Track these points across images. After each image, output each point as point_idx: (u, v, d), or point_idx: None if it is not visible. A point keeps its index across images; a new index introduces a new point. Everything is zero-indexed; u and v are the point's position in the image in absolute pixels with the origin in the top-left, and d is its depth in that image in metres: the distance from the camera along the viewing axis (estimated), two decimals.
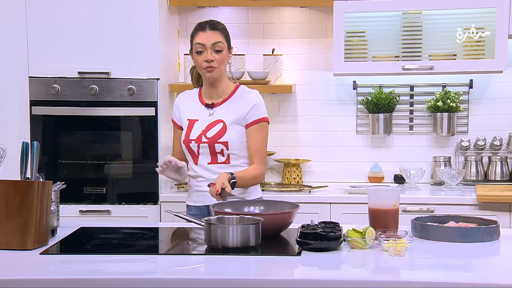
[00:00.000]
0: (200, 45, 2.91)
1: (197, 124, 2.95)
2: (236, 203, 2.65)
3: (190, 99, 3.04)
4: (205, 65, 2.91)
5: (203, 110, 2.98)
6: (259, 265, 2.16)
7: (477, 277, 2.07)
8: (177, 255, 2.35)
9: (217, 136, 2.91)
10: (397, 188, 2.56)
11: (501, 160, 4.03)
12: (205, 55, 2.90)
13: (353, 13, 3.97)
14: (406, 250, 2.21)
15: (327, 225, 2.37)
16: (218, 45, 2.91)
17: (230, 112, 2.95)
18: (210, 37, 2.90)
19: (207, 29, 2.93)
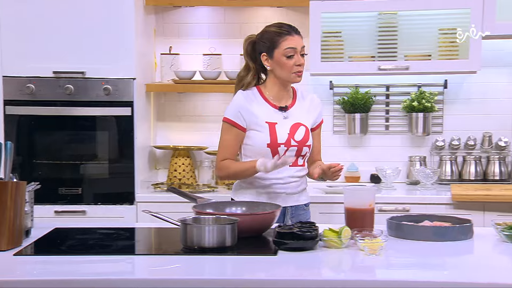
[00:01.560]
0: (291, 49, 2.91)
1: (278, 127, 2.92)
2: (217, 204, 2.66)
3: (256, 102, 2.96)
4: (296, 69, 2.92)
5: (276, 113, 2.95)
6: (235, 265, 2.16)
7: (452, 275, 2.09)
8: (153, 255, 2.34)
9: (304, 140, 2.94)
10: (373, 187, 2.58)
11: (475, 160, 4.08)
12: (296, 59, 2.91)
13: (329, 13, 3.99)
14: (381, 249, 2.23)
15: (303, 225, 2.38)
16: (304, 49, 2.96)
17: (305, 115, 2.99)
18: (299, 41, 2.93)
19: (294, 33, 2.94)
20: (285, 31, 2.93)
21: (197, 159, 4.30)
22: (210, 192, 3.89)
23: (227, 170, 2.96)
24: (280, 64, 2.92)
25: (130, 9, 3.77)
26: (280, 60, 2.91)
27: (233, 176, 2.99)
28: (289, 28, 2.95)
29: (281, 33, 2.93)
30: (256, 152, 2.92)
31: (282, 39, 2.91)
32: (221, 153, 2.98)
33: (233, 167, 2.94)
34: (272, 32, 2.95)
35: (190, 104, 4.35)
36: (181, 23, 4.30)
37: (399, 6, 3.91)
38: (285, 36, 2.91)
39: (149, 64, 4.19)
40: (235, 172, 2.94)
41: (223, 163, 2.96)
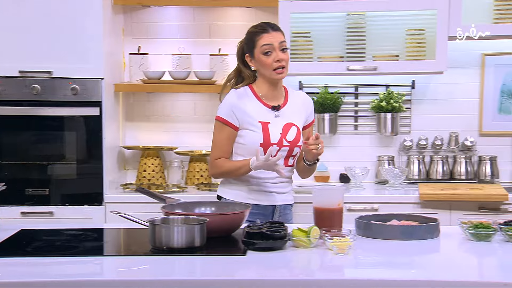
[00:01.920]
0: (268, 45, 2.91)
1: (271, 127, 2.93)
2: (186, 205, 2.66)
3: (249, 101, 2.97)
4: (276, 65, 2.91)
5: (269, 112, 2.96)
6: (204, 265, 2.16)
7: (419, 274, 2.11)
8: (122, 256, 2.32)
9: (296, 140, 2.95)
10: (341, 187, 2.60)
11: (442, 159, 4.13)
12: (274, 55, 2.91)
13: (298, 14, 4.00)
14: (350, 248, 2.24)
15: (272, 224, 2.39)
16: (284, 44, 2.94)
17: (297, 115, 3.00)
18: (276, 37, 2.93)
19: (270, 30, 2.94)
20: (260, 29, 2.95)
21: (166, 159, 4.29)
22: (179, 192, 3.88)
23: (220, 169, 2.96)
24: (260, 63, 2.93)
25: (98, 8, 3.74)
26: (260, 58, 2.93)
27: (226, 174, 2.99)
28: (265, 26, 2.96)
29: (256, 32, 2.95)
30: (248, 151, 2.92)
31: (258, 37, 2.93)
32: (214, 152, 2.98)
33: (226, 165, 2.95)
34: (250, 32, 2.99)
35: (159, 104, 4.33)
36: (150, 22, 4.27)
37: (367, 7, 3.94)
38: (260, 34, 2.93)
39: (118, 63, 4.16)
40: (229, 170, 2.95)
41: (217, 161, 2.96)
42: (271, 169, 2.85)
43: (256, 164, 2.84)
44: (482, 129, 4.19)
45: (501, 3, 3.92)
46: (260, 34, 2.93)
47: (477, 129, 4.20)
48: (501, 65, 4.14)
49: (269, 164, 2.80)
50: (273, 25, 2.98)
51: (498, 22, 3.91)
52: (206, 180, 4.18)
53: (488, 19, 3.94)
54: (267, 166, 2.83)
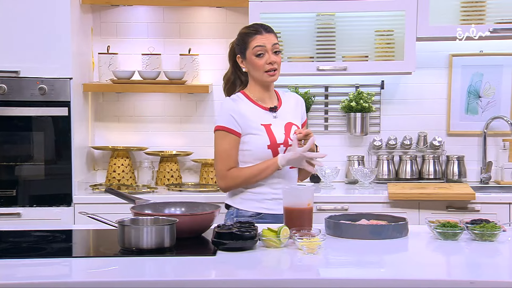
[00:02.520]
0: (260, 47, 2.87)
1: (273, 128, 2.89)
2: (156, 205, 2.64)
3: (246, 105, 2.92)
4: (268, 67, 2.87)
5: (267, 114, 2.92)
6: (173, 266, 2.15)
7: (388, 273, 2.13)
8: (90, 257, 2.30)
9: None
10: (311, 187, 2.61)
11: (411, 159, 4.17)
12: (266, 57, 2.87)
13: (268, 14, 4.00)
14: (319, 248, 2.25)
15: (242, 224, 2.39)
16: (276, 46, 2.90)
17: (293, 114, 2.98)
18: (269, 39, 2.89)
19: (263, 31, 2.90)
20: (253, 30, 2.90)
21: (136, 160, 4.26)
22: (149, 193, 3.86)
23: (238, 178, 2.86)
24: (252, 64, 2.89)
25: (65, 7, 3.70)
26: (251, 60, 2.89)
27: (246, 182, 2.87)
28: (258, 27, 2.92)
29: (249, 33, 2.91)
30: (255, 156, 2.87)
31: (250, 38, 2.89)
32: (223, 163, 2.88)
33: (246, 172, 2.86)
34: (243, 33, 2.94)
35: (129, 104, 4.30)
36: (119, 22, 4.24)
37: (336, 7, 3.96)
38: (253, 36, 2.89)
39: (87, 63, 4.12)
40: (250, 176, 2.85)
41: (231, 172, 2.87)
42: (300, 164, 2.80)
43: (289, 158, 2.79)
44: (450, 129, 4.24)
45: (467, 4, 3.98)
46: (253, 35, 2.89)
47: (445, 129, 4.25)
48: (468, 66, 4.20)
49: (301, 156, 2.77)
50: (266, 27, 2.94)
51: (465, 23, 3.96)
52: (176, 181, 4.16)
53: (455, 21, 3.99)
54: (297, 159, 2.78)
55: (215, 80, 4.27)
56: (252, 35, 2.89)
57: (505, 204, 3.69)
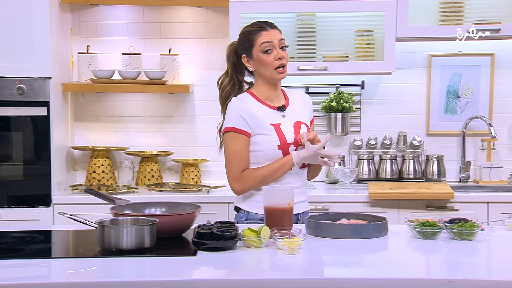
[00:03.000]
0: (268, 43, 2.80)
1: (283, 128, 2.83)
2: (136, 205, 2.63)
3: (254, 105, 2.86)
4: (277, 64, 2.80)
5: (275, 113, 2.86)
6: (153, 266, 2.14)
7: (368, 272, 2.14)
8: (70, 258, 2.29)
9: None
10: (291, 187, 2.61)
11: (391, 159, 4.20)
12: (275, 53, 2.81)
13: (249, 14, 4.00)
14: (300, 248, 2.25)
15: (223, 224, 2.39)
16: (283, 42, 2.85)
17: (301, 112, 2.92)
18: (275, 35, 2.83)
19: (268, 28, 2.84)
20: (258, 28, 2.85)
21: (117, 160, 4.24)
22: (130, 193, 3.84)
23: (254, 180, 2.80)
24: (260, 62, 2.83)
25: (44, 6, 3.68)
26: (259, 58, 2.82)
27: (261, 182, 2.78)
28: (262, 24, 2.86)
29: (254, 31, 2.85)
30: (266, 157, 2.81)
31: (256, 35, 2.83)
32: (235, 165, 2.81)
33: (261, 172, 2.80)
34: (247, 31, 2.88)
35: (109, 104, 4.28)
36: (98, 21, 4.22)
37: (316, 8, 3.97)
38: (259, 32, 2.83)
39: (66, 63, 4.09)
40: (266, 175, 2.79)
41: (245, 174, 2.81)
42: (315, 160, 2.77)
43: (304, 155, 2.75)
44: (430, 129, 4.27)
45: (446, 5, 4.01)
46: (259, 32, 2.83)
47: (424, 129, 4.28)
48: (447, 66, 4.23)
49: (315, 154, 2.73)
50: (270, 23, 2.88)
51: (444, 23, 4.00)
52: (157, 181, 4.15)
53: (434, 21, 4.02)
54: (313, 156, 2.75)
55: (196, 80, 4.26)
56: (258, 32, 2.83)
57: (483, 203, 3.72)
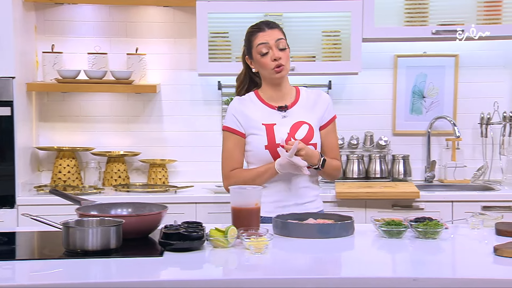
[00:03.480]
0: (263, 44, 2.78)
1: (277, 127, 2.79)
2: (102, 206, 2.60)
3: (252, 104, 2.85)
4: (273, 65, 2.78)
5: (275, 113, 2.84)
6: (119, 267, 2.12)
7: (334, 271, 2.16)
8: (34, 260, 2.26)
9: (306, 138, 2.79)
10: (259, 187, 2.61)
11: (358, 159, 4.23)
12: (271, 54, 2.78)
13: (216, 14, 4.00)
14: (266, 247, 2.26)
15: (190, 225, 2.38)
16: (281, 41, 2.81)
17: (309, 113, 2.85)
18: (271, 35, 2.80)
19: (266, 28, 2.82)
20: (256, 29, 2.84)
21: (83, 160, 4.20)
22: (96, 194, 3.80)
23: (238, 179, 2.79)
24: (259, 63, 2.82)
25: (7, 5, 3.62)
26: (257, 59, 2.82)
27: (248, 183, 2.74)
28: (261, 24, 2.85)
29: (252, 32, 2.85)
30: (256, 157, 2.81)
31: (254, 37, 2.83)
32: (226, 163, 2.84)
33: (246, 174, 2.80)
34: (247, 33, 2.88)
35: (75, 104, 4.23)
36: (64, 20, 4.17)
37: (284, 8, 3.99)
38: (256, 34, 2.83)
39: (30, 62, 4.04)
40: (250, 178, 2.78)
41: (232, 172, 2.82)
42: (296, 169, 2.70)
43: (281, 163, 2.70)
44: (396, 129, 4.32)
45: (411, 6, 4.06)
46: (256, 33, 2.82)
47: (390, 129, 4.33)
48: (412, 66, 4.28)
49: (289, 162, 2.66)
50: (270, 23, 2.85)
51: (409, 24, 4.04)
52: (124, 181, 4.12)
53: (399, 22, 4.07)
54: (292, 165, 2.68)
55: (163, 80, 4.24)
56: (255, 33, 2.83)
57: (448, 202, 3.78)
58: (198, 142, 4.28)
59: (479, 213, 2.71)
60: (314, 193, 2.91)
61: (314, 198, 2.90)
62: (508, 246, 2.22)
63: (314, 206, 2.89)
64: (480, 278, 2.00)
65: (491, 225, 2.61)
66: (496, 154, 4.26)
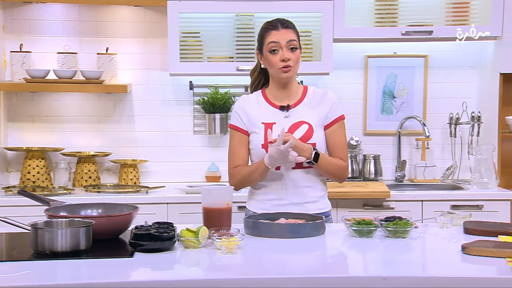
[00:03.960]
0: (274, 43, 2.76)
1: (276, 127, 2.77)
2: (72, 207, 2.58)
3: (256, 103, 2.85)
4: (281, 65, 2.76)
5: (277, 112, 2.82)
6: (89, 269, 2.10)
7: (305, 270, 2.16)
8: (2, 262, 2.22)
9: (305, 138, 2.76)
10: (230, 187, 2.61)
11: None
12: (281, 54, 2.76)
13: (187, 14, 3.99)
14: (238, 247, 2.26)
15: (161, 225, 2.37)
16: (293, 43, 2.78)
17: (312, 113, 2.82)
18: (284, 35, 2.77)
19: (280, 27, 2.79)
20: (270, 26, 2.82)
21: (53, 161, 4.16)
22: (66, 194, 3.77)
23: (238, 176, 2.80)
24: (267, 61, 2.81)
25: None
26: (267, 56, 2.80)
27: (245, 180, 2.80)
28: (276, 22, 2.82)
29: (266, 28, 2.82)
30: (256, 155, 2.81)
31: (266, 34, 2.81)
32: (230, 160, 2.85)
33: (243, 171, 2.80)
34: (261, 28, 2.86)
35: (45, 104, 4.19)
36: (32, 19, 4.13)
37: (255, 8, 3.99)
38: (269, 31, 2.80)
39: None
40: (246, 175, 2.79)
41: (235, 169, 2.83)
42: (286, 161, 2.66)
43: (269, 154, 2.67)
44: (366, 129, 4.35)
45: (381, 7, 4.09)
46: (269, 31, 2.80)
47: (361, 129, 4.36)
48: (383, 67, 4.32)
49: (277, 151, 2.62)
50: (285, 22, 2.83)
51: (379, 25, 4.07)
52: (94, 182, 4.09)
53: (370, 23, 4.10)
54: (281, 156, 2.64)
55: (134, 80, 4.22)
56: (269, 31, 2.81)
57: (418, 201, 3.81)
58: (169, 142, 4.27)
59: (448, 212, 2.75)
60: (317, 194, 2.84)
61: (317, 199, 2.84)
62: (475, 245, 2.25)
63: (316, 207, 2.82)
64: (448, 277, 2.02)
65: (460, 224, 2.64)
66: (465, 154, 4.31)
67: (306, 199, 2.82)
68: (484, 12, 4.04)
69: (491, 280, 2.00)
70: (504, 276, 2.00)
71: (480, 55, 4.29)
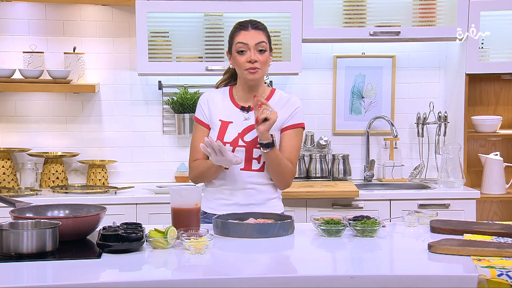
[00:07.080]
0: (242, 44, 2.74)
1: (232, 126, 2.76)
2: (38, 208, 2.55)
3: (220, 99, 2.83)
4: (247, 66, 2.73)
5: (237, 112, 2.80)
6: (55, 270, 2.08)
7: (274, 270, 2.17)
8: None
9: (256, 141, 2.72)
10: (198, 187, 2.60)
11: (299, 158, 4.26)
12: (248, 55, 2.73)
13: (156, 13, 3.97)
14: (206, 248, 2.25)
15: (129, 226, 2.35)
16: (262, 45, 2.75)
17: None
18: (253, 37, 2.74)
19: (250, 28, 2.76)
20: (240, 26, 2.80)
21: (19, 162, 4.10)
22: (33, 195, 3.72)
23: (196, 170, 2.81)
24: (235, 61, 2.79)
25: None
26: (235, 56, 2.78)
27: (201, 175, 2.80)
28: (246, 23, 2.80)
29: (236, 28, 2.81)
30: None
31: (236, 34, 2.79)
32: (191, 154, 2.85)
33: (201, 166, 2.79)
34: (232, 28, 2.84)
35: (10, 104, 4.13)
36: None
37: (224, 8, 3.98)
38: (239, 31, 2.79)
39: None
40: (203, 170, 2.78)
41: (194, 163, 2.82)
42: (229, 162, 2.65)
43: (212, 157, 2.68)
44: (335, 129, 4.37)
45: (349, 8, 4.11)
46: (239, 31, 2.78)
47: (330, 129, 4.38)
48: (351, 67, 4.34)
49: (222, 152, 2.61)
50: (256, 23, 2.80)
51: (347, 25, 4.10)
52: (62, 183, 4.04)
53: (338, 23, 4.12)
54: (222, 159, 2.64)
55: (102, 80, 4.19)
56: (238, 31, 2.79)
57: (386, 200, 3.85)
58: (138, 143, 4.24)
59: (415, 211, 2.77)
60: (265, 197, 2.82)
61: (263, 201, 2.82)
62: (441, 243, 2.28)
63: (264, 210, 2.77)
64: (415, 275, 2.05)
65: (426, 223, 2.67)
66: (432, 153, 4.36)
67: (252, 200, 2.80)
68: (450, 13, 4.09)
69: (457, 278, 2.03)
70: (469, 274, 2.03)
71: (446, 55, 4.35)
